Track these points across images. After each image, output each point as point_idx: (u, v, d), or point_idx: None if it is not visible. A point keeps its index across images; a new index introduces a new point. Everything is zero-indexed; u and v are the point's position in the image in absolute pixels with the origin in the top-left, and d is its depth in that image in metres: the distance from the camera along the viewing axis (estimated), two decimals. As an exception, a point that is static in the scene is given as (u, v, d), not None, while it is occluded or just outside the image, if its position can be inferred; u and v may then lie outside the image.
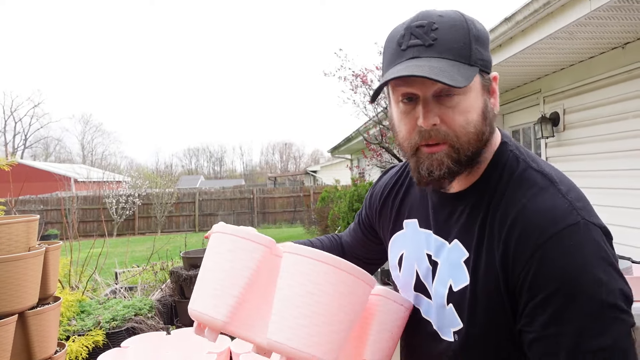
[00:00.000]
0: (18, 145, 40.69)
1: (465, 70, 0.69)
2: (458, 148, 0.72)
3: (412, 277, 0.86)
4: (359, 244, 1.08)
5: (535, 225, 0.68)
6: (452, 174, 0.74)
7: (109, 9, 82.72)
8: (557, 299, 0.65)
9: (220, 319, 0.75)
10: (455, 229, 0.78)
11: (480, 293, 0.73)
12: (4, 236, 1.59)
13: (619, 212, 3.23)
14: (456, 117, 0.71)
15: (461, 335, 0.76)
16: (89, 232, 13.69)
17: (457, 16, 0.73)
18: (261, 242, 0.79)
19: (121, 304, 3.32)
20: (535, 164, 0.76)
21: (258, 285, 0.79)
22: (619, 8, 2.45)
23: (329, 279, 0.71)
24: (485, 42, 0.75)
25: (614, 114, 3.29)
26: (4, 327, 1.55)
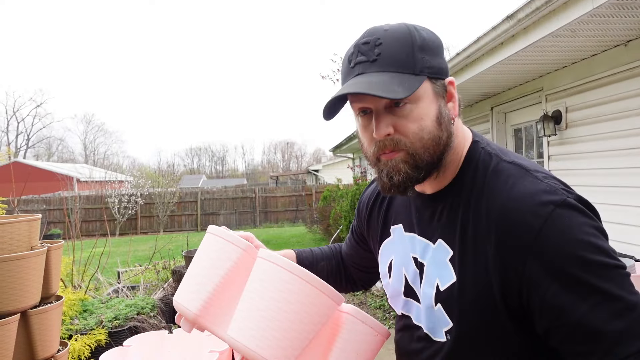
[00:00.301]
0: (21, 145, 40.84)
1: (409, 80, 0.72)
2: (413, 154, 0.74)
3: (402, 283, 0.87)
4: (356, 254, 1.10)
5: (523, 217, 0.69)
6: (412, 179, 0.76)
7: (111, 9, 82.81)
8: (571, 282, 0.66)
9: (193, 311, 0.81)
10: (438, 229, 0.80)
11: (469, 288, 0.74)
12: (6, 235, 1.59)
13: (621, 210, 3.22)
14: (409, 125, 0.74)
15: (453, 334, 0.77)
16: (91, 231, 13.73)
17: (402, 28, 0.75)
18: (239, 246, 0.83)
19: (123, 303, 3.33)
20: (507, 157, 0.79)
21: (233, 285, 0.83)
22: (622, 5, 2.44)
23: (292, 288, 0.74)
24: (435, 49, 0.76)
25: (616, 111, 3.27)
26: (7, 326, 1.55)
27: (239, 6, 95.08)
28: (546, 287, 0.67)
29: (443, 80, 0.77)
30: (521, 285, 0.69)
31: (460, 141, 0.80)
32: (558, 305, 0.66)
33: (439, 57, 0.77)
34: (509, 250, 0.70)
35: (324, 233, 10.27)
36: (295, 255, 1.09)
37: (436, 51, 0.76)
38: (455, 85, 0.79)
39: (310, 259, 1.10)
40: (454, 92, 0.78)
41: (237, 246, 0.83)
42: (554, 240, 0.67)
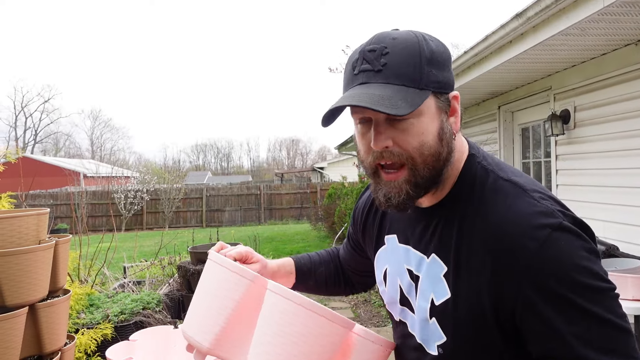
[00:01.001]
0: (28, 140, 41.15)
1: (413, 95, 0.70)
2: (415, 171, 0.73)
3: (397, 292, 0.87)
4: (352, 259, 1.11)
5: (519, 238, 0.69)
6: (411, 199, 0.75)
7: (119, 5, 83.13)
8: (566, 303, 0.67)
9: (206, 345, 0.82)
10: (431, 243, 0.79)
11: (462, 305, 0.74)
12: (15, 229, 1.61)
13: (629, 211, 3.20)
14: (409, 139, 0.72)
15: (446, 349, 0.77)
16: (97, 226, 13.82)
17: (410, 38, 0.73)
18: (246, 277, 0.83)
19: (129, 297, 3.35)
20: (504, 174, 0.77)
21: (243, 315, 0.84)
22: (633, 4, 2.41)
23: (304, 321, 0.75)
24: (442, 62, 0.74)
25: (626, 111, 3.24)
26: (15, 319, 1.57)
27: (245, 3, 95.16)
28: (540, 309, 0.67)
29: (447, 95, 0.75)
30: (515, 306, 0.69)
31: (457, 155, 0.79)
32: (551, 327, 0.67)
33: (446, 71, 0.75)
34: (504, 271, 0.69)
35: (329, 231, 10.28)
36: (294, 263, 1.09)
37: (443, 64, 0.74)
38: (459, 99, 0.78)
39: (309, 266, 1.11)
40: (457, 107, 0.77)
41: (245, 277, 0.84)
42: (550, 264, 0.67)
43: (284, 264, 1.07)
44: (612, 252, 2.85)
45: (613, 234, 3.29)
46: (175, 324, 2.61)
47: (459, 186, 0.78)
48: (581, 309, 0.66)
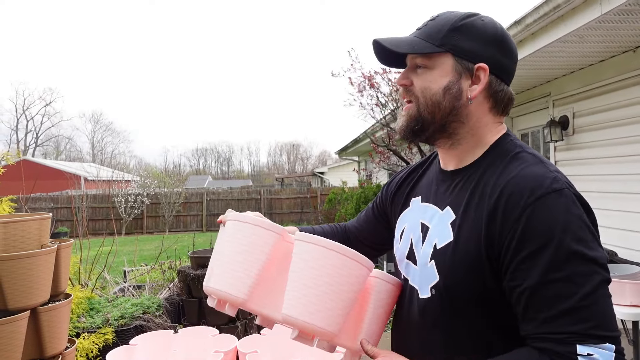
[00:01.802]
0: (30, 143, 41.20)
1: (424, 46, 0.85)
2: (418, 107, 0.88)
3: (407, 247, 0.94)
4: (369, 229, 1.17)
5: (523, 189, 0.76)
6: (409, 127, 0.89)
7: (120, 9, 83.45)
8: (542, 253, 0.72)
9: (241, 296, 0.87)
10: (449, 198, 0.89)
11: (461, 247, 0.81)
12: (17, 233, 1.62)
13: (628, 217, 3.21)
14: (419, 82, 0.88)
15: (438, 289, 0.83)
16: (98, 230, 13.82)
17: (462, 13, 0.87)
18: (275, 230, 0.91)
19: (130, 302, 3.36)
20: (530, 150, 0.87)
21: (271, 268, 0.90)
22: (630, 12, 2.44)
23: (334, 263, 0.83)
24: (476, 35, 0.85)
25: (624, 118, 3.26)
26: (17, 323, 1.58)
27: (246, 7, 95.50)
28: (521, 247, 0.73)
29: (470, 63, 0.85)
30: (503, 241, 0.75)
31: (484, 130, 0.88)
32: (526, 267, 0.73)
33: (479, 44, 0.85)
34: (504, 209, 0.76)
35: (329, 235, 10.25)
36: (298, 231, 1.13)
37: (477, 37, 0.85)
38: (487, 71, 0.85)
39: None
40: (482, 78, 0.85)
41: (273, 231, 0.91)
42: (543, 213, 0.73)
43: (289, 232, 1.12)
44: (611, 257, 2.86)
45: (612, 239, 3.30)
46: (175, 328, 2.62)
47: (486, 155, 0.88)
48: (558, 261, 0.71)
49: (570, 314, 0.69)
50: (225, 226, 0.94)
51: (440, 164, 0.96)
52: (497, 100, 0.88)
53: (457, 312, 0.81)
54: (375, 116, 6.03)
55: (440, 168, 0.96)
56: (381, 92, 5.76)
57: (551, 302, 0.70)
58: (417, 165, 1.08)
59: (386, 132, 6.07)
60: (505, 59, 0.87)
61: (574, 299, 0.69)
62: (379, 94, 5.74)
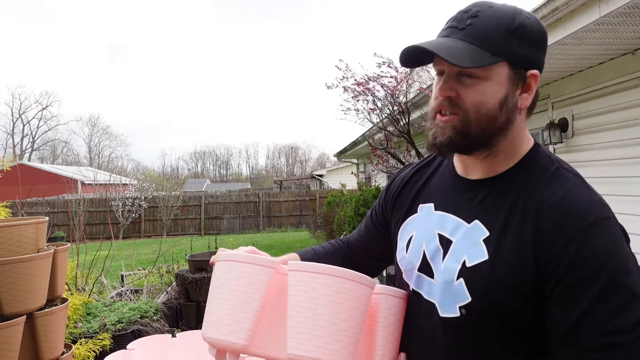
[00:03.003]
0: (26, 147, 41.11)
1: (481, 55, 0.74)
2: (466, 122, 0.78)
3: (419, 259, 0.88)
4: (369, 239, 1.10)
5: (574, 213, 0.72)
6: (453, 144, 0.79)
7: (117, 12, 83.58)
8: (592, 281, 0.69)
9: (241, 343, 0.80)
10: (477, 211, 0.82)
11: (500, 268, 0.75)
12: (14, 237, 1.60)
13: (627, 220, 3.20)
14: (471, 95, 0.77)
15: (469, 309, 0.78)
16: (95, 234, 13.77)
17: (506, 9, 0.77)
18: (267, 265, 0.84)
19: (127, 306, 3.33)
20: (567, 166, 0.82)
21: (269, 305, 0.84)
22: (629, 14, 2.44)
23: (334, 288, 0.77)
24: (530, 39, 0.77)
25: (623, 120, 3.26)
26: (13, 328, 1.56)
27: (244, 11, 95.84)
28: (570, 274, 0.70)
29: (524, 71, 0.78)
30: (549, 265, 0.72)
31: (520, 140, 0.83)
32: (572, 295, 0.70)
33: (532, 48, 0.78)
34: (553, 233, 0.72)
35: (328, 238, 10.26)
36: (299, 258, 1.08)
37: (531, 42, 0.77)
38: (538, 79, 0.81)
39: (316, 259, 1.10)
40: (533, 86, 0.80)
41: (265, 266, 0.84)
42: (592, 244, 0.70)
43: (289, 259, 1.06)
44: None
45: (612, 242, 3.29)
46: (173, 332, 2.59)
47: (520, 167, 0.81)
48: (602, 295, 0.68)
49: (614, 348, 0.67)
50: (215, 268, 0.86)
51: (455, 169, 0.89)
52: (534, 102, 0.83)
53: (490, 333, 0.77)
54: (372, 120, 6.03)
55: (457, 174, 0.88)
56: (376, 96, 5.75)
57: (596, 333, 0.68)
58: (423, 164, 1.00)
59: (384, 134, 6.06)
60: (544, 59, 0.82)
61: (620, 334, 0.67)
62: (374, 98, 5.73)
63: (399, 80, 5.54)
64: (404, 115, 5.47)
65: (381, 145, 6.33)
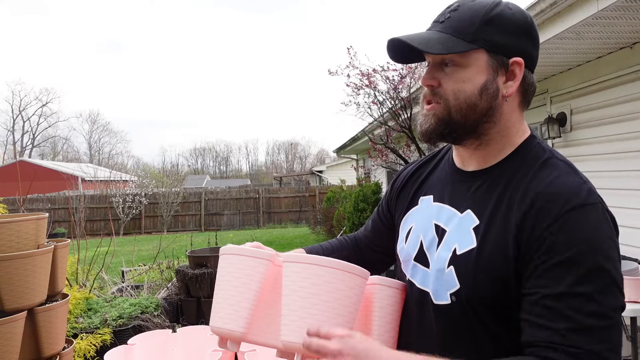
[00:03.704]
0: (26, 144, 41.08)
1: (455, 43, 0.78)
2: (446, 109, 0.81)
3: (415, 248, 0.90)
4: (376, 234, 1.12)
5: (558, 198, 0.73)
6: (436, 131, 0.83)
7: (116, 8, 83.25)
8: (571, 264, 0.70)
9: (239, 330, 0.86)
10: (469, 200, 0.84)
11: (487, 256, 0.77)
12: (14, 234, 1.61)
13: (626, 213, 3.21)
14: (450, 83, 0.80)
15: (459, 296, 0.80)
16: (96, 230, 13.79)
17: (486, 2, 0.80)
18: (263, 257, 0.89)
19: (128, 302, 3.35)
20: (560, 156, 0.83)
21: (266, 295, 0.89)
22: (627, 8, 2.44)
23: (326, 278, 0.80)
24: (508, 27, 0.79)
25: (621, 114, 3.26)
26: (14, 323, 1.57)
27: (243, 6, 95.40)
28: (551, 255, 0.71)
29: (505, 58, 0.80)
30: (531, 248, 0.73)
31: (512, 130, 0.84)
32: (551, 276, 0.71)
33: (510, 36, 0.79)
34: (536, 218, 0.73)
35: (327, 234, 10.28)
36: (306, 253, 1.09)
37: (509, 29, 0.79)
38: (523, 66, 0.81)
39: (322, 254, 1.11)
40: (517, 73, 0.81)
41: (261, 258, 0.88)
42: (575, 227, 0.71)
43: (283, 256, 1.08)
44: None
45: (610, 236, 3.30)
46: (173, 328, 2.61)
47: (512, 157, 0.83)
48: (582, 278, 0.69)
49: (591, 332, 0.68)
50: (219, 262, 0.92)
51: (454, 162, 0.91)
52: (527, 94, 0.84)
53: (481, 319, 0.79)
54: (372, 114, 6.03)
55: (456, 167, 0.90)
56: (378, 90, 5.75)
57: (572, 314, 0.68)
58: (426, 160, 1.02)
59: (384, 130, 6.06)
60: (534, 49, 0.83)
61: (597, 318, 0.68)
62: (376, 92, 5.73)
63: (404, 75, 5.53)
64: (405, 110, 5.47)
65: (381, 141, 6.33)
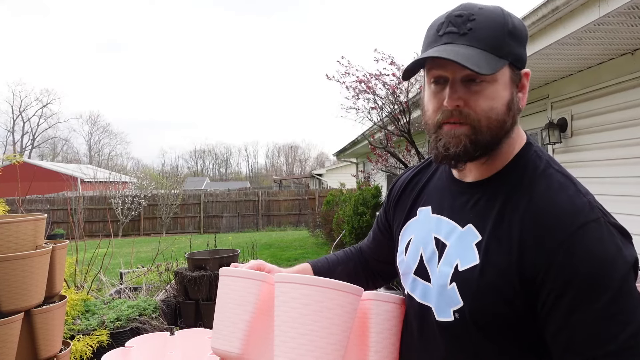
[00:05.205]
0: (26, 145, 41.06)
1: (492, 60, 0.74)
2: (478, 130, 0.76)
3: (416, 261, 0.88)
4: (377, 245, 1.11)
5: (560, 218, 0.71)
6: (468, 154, 0.78)
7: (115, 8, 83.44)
8: (582, 288, 0.68)
9: (235, 351, 0.86)
10: (470, 214, 0.81)
11: (490, 274, 0.75)
12: (12, 234, 1.60)
13: (627, 220, 3.20)
14: (480, 102, 0.76)
15: (462, 314, 0.78)
16: (94, 232, 13.76)
17: (496, 10, 0.78)
18: (255, 278, 0.89)
19: (126, 304, 3.33)
20: (557, 166, 0.81)
21: (262, 315, 0.89)
22: (629, 14, 2.44)
23: (316, 298, 0.79)
24: (521, 38, 0.79)
25: (622, 120, 3.26)
26: (10, 325, 1.56)
27: (243, 9, 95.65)
28: (560, 282, 0.69)
29: (520, 71, 0.80)
30: (538, 271, 0.71)
31: (514, 138, 0.82)
32: (566, 304, 0.69)
33: (522, 47, 0.79)
34: (538, 238, 0.72)
35: (327, 237, 10.26)
36: (312, 267, 1.10)
37: (521, 41, 0.79)
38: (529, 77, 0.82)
39: (327, 267, 1.11)
40: (526, 85, 0.81)
41: (255, 279, 0.89)
42: (585, 246, 0.69)
43: (302, 269, 1.08)
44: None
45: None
46: (171, 330, 2.60)
47: (510, 167, 0.81)
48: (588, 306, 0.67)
49: (617, 355, 0.66)
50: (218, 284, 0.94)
51: (451, 172, 0.89)
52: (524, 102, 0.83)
53: (486, 336, 0.77)
54: (372, 119, 6.03)
55: (453, 177, 0.88)
56: (377, 94, 5.75)
57: (596, 340, 0.67)
58: (422, 167, 1.00)
59: (384, 133, 6.06)
60: None
61: (621, 340, 0.66)
62: (375, 96, 5.73)
63: (400, 79, 5.54)
64: (404, 114, 5.47)
65: (381, 144, 6.33)
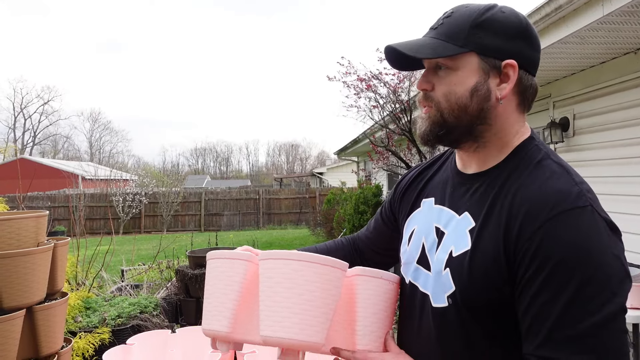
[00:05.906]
0: (27, 142, 41.10)
1: (447, 48, 0.80)
2: (440, 112, 0.83)
3: (418, 251, 0.90)
4: (378, 235, 1.13)
5: (545, 202, 0.73)
6: (433, 133, 0.85)
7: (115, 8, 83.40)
8: (554, 271, 0.69)
9: (224, 330, 0.87)
10: (467, 203, 0.84)
11: (479, 258, 0.77)
12: (13, 231, 1.60)
13: (628, 219, 3.20)
14: (441, 86, 0.83)
15: (455, 300, 0.80)
16: (95, 229, 13.78)
17: (478, 6, 0.82)
18: (240, 258, 0.90)
19: (127, 301, 3.33)
20: (556, 157, 0.82)
21: (248, 294, 0.90)
22: (632, 13, 2.43)
23: (299, 271, 0.81)
24: (499, 30, 0.80)
25: (625, 119, 3.25)
26: (12, 321, 1.56)
27: (243, 9, 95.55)
28: (534, 265, 0.70)
29: (498, 60, 0.80)
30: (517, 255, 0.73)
31: (510, 132, 0.84)
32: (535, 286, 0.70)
33: (501, 39, 0.80)
34: (521, 223, 0.73)
35: (327, 236, 10.27)
36: None
37: (500, 32, 0.80)
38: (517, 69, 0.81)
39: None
40: (511, 76, 0.81)
41: (241, 259, 0.90)
42: (563, 231, 0.70)
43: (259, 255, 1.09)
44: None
45: (612, 241, 3.29)
46: (172, 328, 2.60)
47: (509, 158, 0.83)
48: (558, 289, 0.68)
49: (574, 342, 0.66)
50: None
51: (456, 165, 0.92)
52: (525, 96, 0.84)
53: (476, 321, 0.78)
54: (373, 117, 6.02)
55: (457, 169, 0.90)
56: (379, 93, 5.74)
57: (554, 325, 0.68)
58: (430, 163, 1.03)
59: (385, 132, 6.06)
60: (531, 50, 0.83)
61: (581, 327, 0.66)
62: (376, 95, 5.72)
63: (401, 78, 5.53)
64: (405, 113, 5.47)
65: (382, 143, 6.33)
